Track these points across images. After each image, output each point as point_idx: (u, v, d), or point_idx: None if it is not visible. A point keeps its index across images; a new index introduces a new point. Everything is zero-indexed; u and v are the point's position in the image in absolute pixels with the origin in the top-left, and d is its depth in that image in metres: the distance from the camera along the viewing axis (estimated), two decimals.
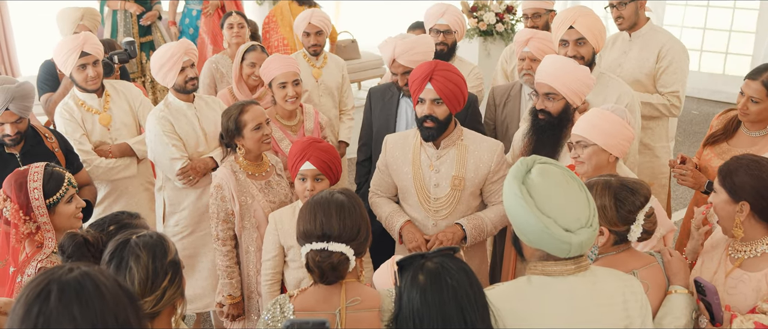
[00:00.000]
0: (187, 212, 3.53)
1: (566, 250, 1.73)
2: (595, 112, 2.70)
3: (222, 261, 3.07)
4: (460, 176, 2.90)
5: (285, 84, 3.44)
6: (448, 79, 2.77)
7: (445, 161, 2.92)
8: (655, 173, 3.93)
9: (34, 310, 1.22)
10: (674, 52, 3.80)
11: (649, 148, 3.92)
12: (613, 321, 1.79)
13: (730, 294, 2.19)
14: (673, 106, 3.82)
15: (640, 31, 3.91)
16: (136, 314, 1.32)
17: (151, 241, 1.76)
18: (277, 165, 3.20)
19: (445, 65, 2.82)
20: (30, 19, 7.11)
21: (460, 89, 2.81)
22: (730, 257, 2.27)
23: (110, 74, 3.99)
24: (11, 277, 2.35)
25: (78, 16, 4.51)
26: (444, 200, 2.93)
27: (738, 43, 8.50)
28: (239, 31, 4.59)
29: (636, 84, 3.88)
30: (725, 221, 2.23)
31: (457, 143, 2.92)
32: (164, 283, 1.73)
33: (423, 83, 2.79)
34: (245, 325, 3.17)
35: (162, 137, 3.40)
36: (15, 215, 2.37)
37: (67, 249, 2.00)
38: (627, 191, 2.11)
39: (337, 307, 1.95)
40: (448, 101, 2.79)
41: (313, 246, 1.95)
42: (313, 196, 2.05)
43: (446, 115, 2.83)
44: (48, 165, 2.48)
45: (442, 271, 1.60)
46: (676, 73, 3.80)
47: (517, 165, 1.79)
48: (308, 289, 2.03)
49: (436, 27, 3.99)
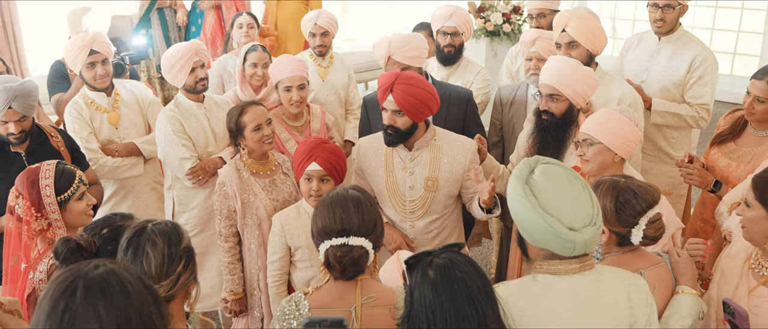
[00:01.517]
0: (196, 212, 3.55)
1: (571, 249, 1.75)
2: (603, 112, 2.72)
3: (224, 257, 3.10)
4: (433, 177, 2.90)
5: (290, 88, 3.45)
6: (408, 92, 2.74)
7: (419, 162, 2.91)
8: (675, 182, 3.85)
9: (61, 306, 1.24)
10: (707, 64, 3.68)
11: (671, 157, 3.84)
12: (618, 319, 1.80)
13: (755, 313, 2.11)
14: (701, 118, 3.72)
15: (672, 36, 3.77)
16: (159, 312, 1.34)
17: (166, 229, 1.84)
18: (284, 164, 3.21)
19: (406, 77, 2.78)
20: (39, 19, 7.15)
21: (421, 101, 2.76)
22: (753, 271, 2.19)
23: (122, 74, 4.01)
24: (23, 273, 2.38)
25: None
26: (418, 202, 2.94)
27: (746, 43, 8.47)
28: (249, 31, 4.60)
29: (663, 91, 3.77)
30: (759, 236, 2.13)
31: (431, 144, 2.92)
32: (179, 268, 1.81)
33: (384, 93, 2.80)
34: (248, 321, 3.20)
35: (172, 137, 3.42)
36: (27, 212, 2.40)
37: (60, 253, 2.02)
38: (630, 194, 2.11)
39: (353, 304, 1.97)
40: (408, 112, 2.77)
41: (333, 242, 1.97)
42: (328, 194, 2.07)
43: (408, 125, 2.82)
44: (59, 163, 2.51)
45: (451, 265, 1.62)
46: (707, 85, 3.70)
47: (520, 166, 1.81)
48: (323, 286, 2.05)
49: (444, 29, 4.00)
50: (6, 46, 6.16)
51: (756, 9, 8.28)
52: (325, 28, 4.31)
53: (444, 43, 4.03)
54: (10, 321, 2.03)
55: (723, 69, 8.68)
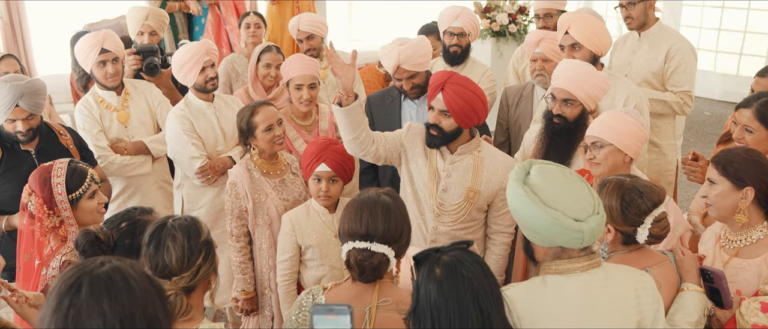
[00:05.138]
0: (205, 210, 3.57)
1: (580, 240, 1.77)
2: (609, 113, 2.72)
3: (236, 256, 3.12)
4: (475, 189, 2.84)
5: (301, 86, 3.47)
6: (459, 94, 2.69)
7: (458, 167, 2.85)
8: (661, 170, 3.98)
9: (65, 302, 1.27)
10: (683, 53, 3.84)
11: (657, 145, 3.96)
12: (627, 316, 1.82)
13: (733, 281, 2.24)
14: (686, 104, 3.88)
15: (649, 30, 3.94)
16: (164, 309, 1.36)
17: (186, 223, 1.91)
18: (293, 164, 3.23)
19: (459, 78, 2.75)
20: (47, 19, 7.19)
21: (470, 105, 2.70)
22: (724, 248, 2.34)
23: (156, 74, 4.01)
24: (36, 270, 2.40)
25: (143, 16, 4.33)
26: (452, 208, 2.87)
27: (752, 44, 8.47)
28: (256, 31, 4.62)
29: (645, 83, 3.93)
30: (726, 210, 2.28)
31: (474, 154, 2.87)
32: (199, 260, 1.88)
33: (435, 91, 2.75)
34: (259, 320, 3.22)
35: (182, 136, 3.44)
36: (39, 209, 2.43)
37: (80, 245, 2.10)
38: (635, 193, 2.13)
39: (368, 305, 1.98)
40: (455, 114, 2.72)
41: (356, 245, 1.97)
42: (360, 195, 2.06)
43: (453, 128, 2.76)
44: (72, 161, 2.53)
45: (458, 264, 1.63)
46: (686, 73, 3.85)
47: (516, 170, 1.84)
48: (343, 284, 2.06)
49: (451, 30, 4.02)
50: (14, 45, 6.19)
51: (763, 9, 8.28)
52: (309, 32, 4.25)
53: (451, 43, 4.04)
54: (34, 315, 2.06)
55: (729, 69, 8.67)
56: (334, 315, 1.62)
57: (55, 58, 6.80)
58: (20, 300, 2.06)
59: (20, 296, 2.06)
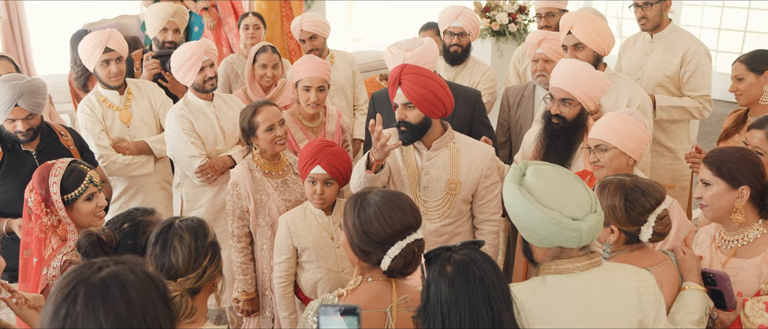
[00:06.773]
0: (204, 210, 3.57)
1: (578, 239, 1.77)
2: (612, 115, 2.71)
3: (237, 257, 3.11)
4: (455, 180, 2.84)
5: (309, 88, 3.46)
6: (416, 82, 2.67)
7: (436, 162, 2.84)
8: (676, 175, 3.92)
9: (62, 312, 1.25)
10: (700, 56, 3.77)
11: (671, 150, 3.91)
12: (628, 315, 1.82)
13: (733, 282, 2.24)
14: (705, 108, 3.82)
15: (662, 32, 3.87)
16: (167, 310, 1.34)
17: (193, 224, 1.91)
18: (295, 165, 3.22)
19: (412, 68, 2.71)
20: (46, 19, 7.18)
21: (431, 91, 2.67)
22: (721, 249, 2.34)
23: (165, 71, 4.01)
24: (35, 269, 2.40)
25: (170, 13, 4.25)
26: (436, 204, 2.87)
27: (753, 43, 8.46)
28: (255, 32, 4.61)
29: (659, 87, 3.85)
30: (722, 211, 2.28)
31: (449, 146, 2.85)
32: (205, 262, 1.87)
33: (394, 87, 2.73)
34: (259, 321, 3.21)
35: (181, 135, 3.44)
36: (37, 206, 2.43)
37: (82, 247, 2.08)
38: (638, 192, 2.13)
39: (389, 305, 1.95)
40: (418, 103, 2.68)
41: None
42: (383, 196, 1.98)
43: (420, 119, 2.73)
44: (73, 161, 2.52)
45: (470, 262, 1.63)
46: (704, 77, 3.79)
47: (512, 172, 1.84)
48: (358, 288, 1.98)
49: (451, 29, 4.01)
50: (13, 45, 6.18)
51: (763, 9, 8.28)
52: (312, 32, 4.25)
53: (451, 43, 4.03)
54: (34, 317, 2.05)
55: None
56: (341, 315, 1.62)
57: (55, 57, 6.79)
58: (20, 302, 2.05)
59: (20, 297, 2.05)
